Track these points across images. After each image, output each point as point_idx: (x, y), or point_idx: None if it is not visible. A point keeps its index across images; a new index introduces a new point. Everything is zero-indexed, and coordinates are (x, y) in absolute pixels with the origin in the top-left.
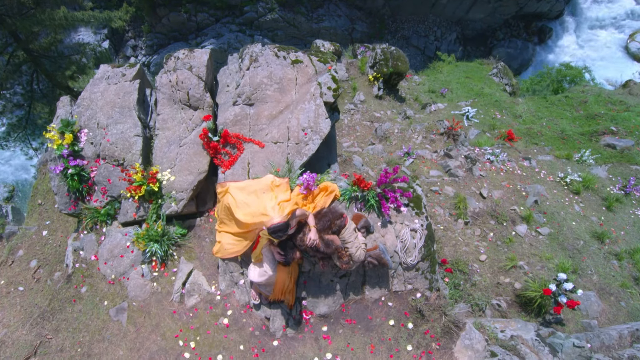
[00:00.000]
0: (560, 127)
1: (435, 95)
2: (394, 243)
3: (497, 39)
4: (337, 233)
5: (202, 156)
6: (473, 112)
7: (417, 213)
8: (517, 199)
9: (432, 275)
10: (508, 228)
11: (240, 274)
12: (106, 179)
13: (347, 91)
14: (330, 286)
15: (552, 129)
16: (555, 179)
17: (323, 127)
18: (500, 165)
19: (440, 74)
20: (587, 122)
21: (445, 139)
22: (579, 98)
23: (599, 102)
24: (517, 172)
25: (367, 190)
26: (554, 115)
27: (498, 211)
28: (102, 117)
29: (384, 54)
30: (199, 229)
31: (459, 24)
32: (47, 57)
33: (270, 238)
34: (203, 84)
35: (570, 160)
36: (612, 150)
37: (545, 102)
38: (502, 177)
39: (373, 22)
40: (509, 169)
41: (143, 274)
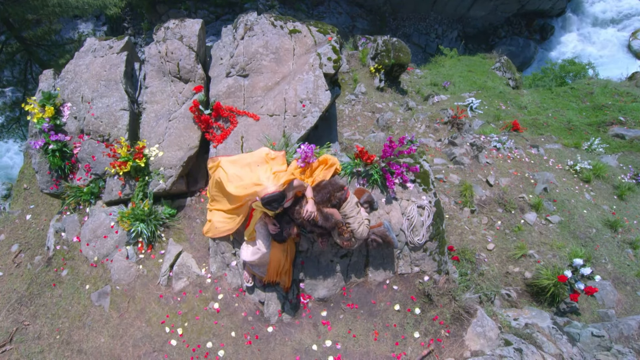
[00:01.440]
0: (566, 118)
1: (437, 88)
2: (400, 221)
3: (499, 36)
4: (337, 207)
5: (192, 130)
6: (477, 103)
7: (425, 189)
8: (526, 186)
9: (441, 256)
10: (516, 216)
11: (233, 254)
12: (90, 156)
13: (348, 83)
14: (330, 267)
15: (558, 119)
16: (564, 167)
17: (323, 99)
18: (507, 152)
19: (443, 68)
20: (594, 112)
21: (450, 128)
22: (585, 89)
23: (605, 94)
24: (525, 159)
25: (370, 163)
26: (559, 107)
27: (506, 199)
28: (86, 91)
29: (385, 45)
30: (190, 209)
31: (460, 22)
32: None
33: (264, 210)
34: (194, 54)
35: (579, 148)
36: (622, 140)
37: (551, 93)
38: (510, 165)
39: (374, 19)
40: (517, 156)
41: (128, 256)
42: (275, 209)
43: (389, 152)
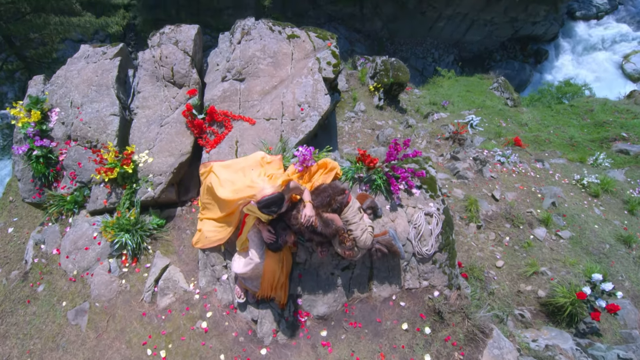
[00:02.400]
0: (568, 135)
1: (436, 107)
2: (406, 229)
3: (494, 60)
4: (338, 212)
5: (185, 136)
6: (477, 120)
7: (432, 196)
8: (533, 201)
9: (452, 269)
10: (525, 232)
11: (224, 267)
12: (76, 163)
13: (348, 101)
14: (330, 281)
15: (560, 136)
16: (571, 181)
17: (322, 103)
18: (511, 166)
19: (441, 88)
20: (595, 129)
21: (451, 144)
22: (585, 107)
23: (605, 111)
24: (530, 174)
25: (373, 168)
26: (560, 124)
27: (513, 214)
28: (76, 96)
29: (384, 64)
30: (180, 220)
31: (456, 46)
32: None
33: (258, 216)
34: (190, 59)
35: (584, 163)
36: (626, 155)
37: (551, 111)
38: (515, 179)
39: (372, 44)
40: (521, 170)
41: (110, 270)
42: (275, 213)
43: (393, 154)
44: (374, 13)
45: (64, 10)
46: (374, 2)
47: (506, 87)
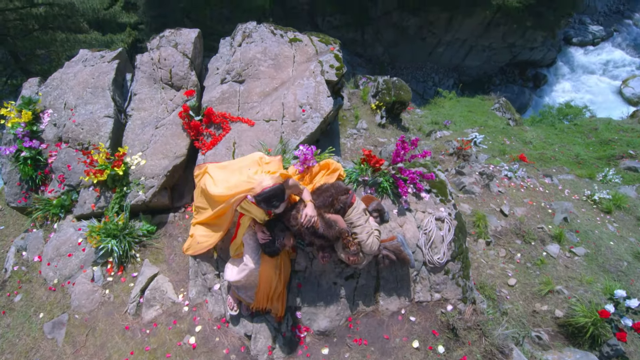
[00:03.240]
0: (574, 152)
1: (438, 126)
2: (416, 235)
3: (494, 84)
4: (341, 213)
5: (180, 138)
6: (481, 138)
7: (443, 200)
8: (543, 216)
9: (466, 281)
10: (537, 248)
11: (216, 275)
12: (66, 165)
13: (350, 119)
14: (332, 291)
15: (565, 154)
16: (581, 197)
17: (324, 105)
18: (519, 181)
19: (442, 108)
20: (601, 147)
21: (455, 159)
22: (589, 126)
23: (609, 130)
24: (539, 189)
25: (379, 170)
26: (565, 142)
27: (523, 229)
28: (70, 98)
29: (386, 83)
30: (172, 227)
31: (456, 71)
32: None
33: (254, 216)
34: (189, 61)
35: (594, 179)
36: (635, 173)
37: (554, 129)
38: (523, 194)
39: (373, 68)
40: (530, 185)
41: (93, 278)
42: (276, 207)
43: (400, 155)
44: (375, 38)
45: (70, 28)
46: (375, 28)
47: (508, 108)
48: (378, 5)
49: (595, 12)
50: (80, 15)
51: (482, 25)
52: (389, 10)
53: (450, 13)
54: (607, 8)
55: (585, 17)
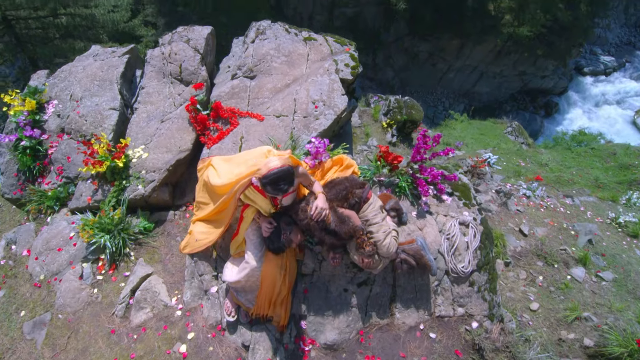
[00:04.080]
0: (592, 176)
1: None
2: (437, 240)
3: (505, 110)
4: (356, 209)
5: (186, 132)
6: (495, 159)
7: (466, 204)
8: (566, 238)
9: (493, 295)
10: (561, 271)
11: (214, 277)
12: (65, 157)
13: (360, 136)
14: (343, 299)
15: (584, 177)
16: (605, 220)
17: (338, 103)
18: (538, 201)
19: (454, 130)
20: (621, 171)
21: (470, 177)
22: (606, 150)
23: (628, 155)
24: (560, 209)
25: (396, 168)
26: (582, 165)
27: (545, 251)
28: (77, 90)
29: (397, 102)
30: (171, 226)
31: (466, 96)
32: None
33: (259, 207)
34: (200, 56)
35: (617, 202)
36: None
37: (571, 153)
38: (543, 214)
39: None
40: (550, 205)
41: (82, 276)
42: (283, 192)
43: (421, 151)
44: (386, 63)
45: (90, 39)
46: (386, 52)
47: (520, 132)
48: (390, 31)
49: (606, 42)
50: (101, 27)
51: (493, 52)
52: (401, 35)
53: (461, 40)
54: (618, 39)
55: (596, 48)
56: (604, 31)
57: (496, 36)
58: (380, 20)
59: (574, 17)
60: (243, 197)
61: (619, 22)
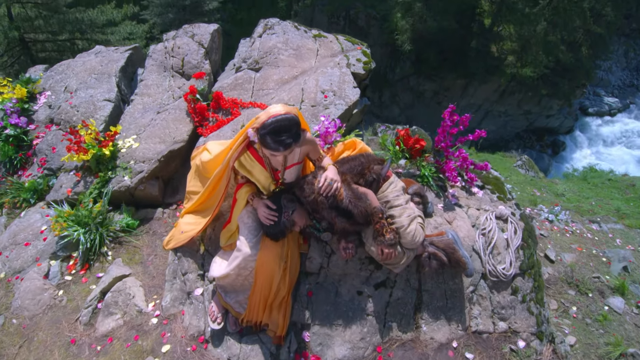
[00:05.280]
0: (613, 207)
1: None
2: (470, 235)
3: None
4: (374, 188)
5: (183, 123)
6: (509, 187)
7: (501, 198)
8: (597, 265)
9: (540, 308)
10: (597, 301)
11: (199, 276)
12: (50, 148)
13: None
14: (356, 305)
15: (604, 207)
16: (637, 248)
17: (350, 94)
18: (563, 225)
19: None
20: None
21: None
22: (624, 181)
23: None
24: (587, 235)
25: (418, 154)
26: (601, 196)
27: (577, 278)
28: (73, 82)
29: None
30: (157, 224)
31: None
32: None
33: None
34: (204, 51)
35: None
36: None
37: (587, 183)
38: (569, 239)
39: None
40: (575, 230)
41: (48, 275)
42: (286, 146)
43: (448, 130)
44: (392, 101)
45: None
46: (392, 91)
47: (531, 166)
48: (396, 70)
49: (609, 84)
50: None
51: (498, 92)
52: (406, 75)
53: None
54: (621, 82)
55: (599, 90)
56: (606, 74)
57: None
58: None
59: (576, 59)
60: (237, 165)
61: (620, 66)
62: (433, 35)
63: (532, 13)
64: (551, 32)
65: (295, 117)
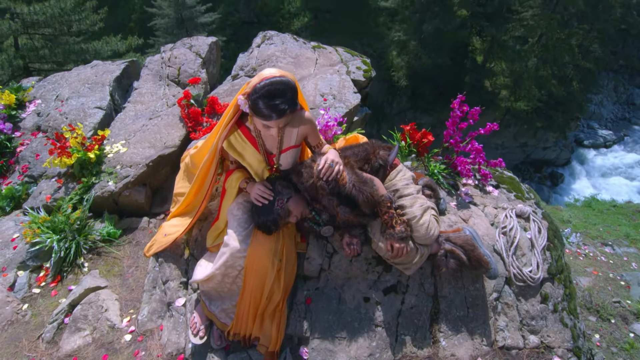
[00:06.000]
0: (623, 233)
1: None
2: (489, 234)
3: None
4: (381, 176)
5: (175, 128)
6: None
7: (519, 197)
8: (616, 289)
9: (574, 319)
10: (620, 328)
11: (182, 285)
12: (34, 155)
13: None
14: (362, 314)
15: (613, 234)
16: None
17: (350, 98)
18: (575, 248)
19: None
20: None
21: None
22: (630, 208)
23: None
24: (601, 258)
25: (425, 150)
26: (609, 222)
27: (596, 304)
28: (66, 91)
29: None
30: (142, 234)
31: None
32: None
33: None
34: (201, 60)
35: None
36: None
37: (592, 210)
38: (583, 262)
39: None
40: (589, 253)
41: (13, 286)
42: (280, 113)
43: (457, 124)
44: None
45: None
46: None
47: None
48: (393, 105)
49: (601, 118)
50: None
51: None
52: (403, 109)
53: None
54: (613, 115)
55: (593, 122)
56: (598, 107)
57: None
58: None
59: (568, 93)
60: (226, 146)
61: (611, 100)
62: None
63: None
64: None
65: (292, 81)
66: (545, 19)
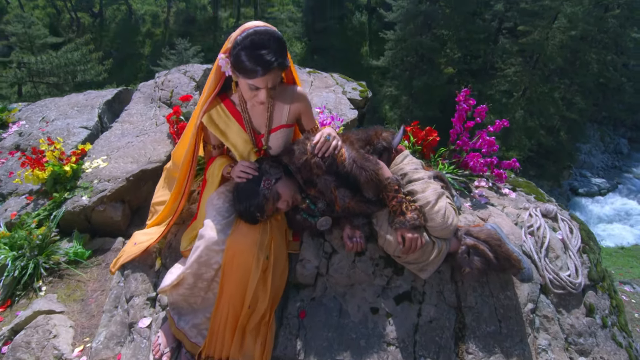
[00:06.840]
0: (636, 274)
1: None
2: (514, 233)
3: None
4: (385, 160)
5: (162, 144)
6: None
7: (539, 199)
8: None
9: (627, 337)
10: None
11: (148, 302)
12: (7, 173)
13: None
14: (369, 328)
15: (626, 275)
16: None
17: (347, 113)
18: None
19: None
20: None
21: None
22: (638, 250)
23: None
24: (622, 297)
25: (431, 150)
26: (619, 264)
27: None
28: (53, 113)
29: None
30: (113, 256)
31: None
32: None
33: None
34: (195, 84)
35: None
36: None
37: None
38: None
39: None
40: None
41: None
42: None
43: (464, 119)
44: None
45: None
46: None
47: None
48: None
49: (592, 167)
50: None
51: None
52: None
53: None
54: (603, 163)
55: (585, 171)
56: (588, 156)
57: None
58: None
59: (557, 142)
60: (207, 121)
61: (599, 149)
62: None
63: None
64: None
65: (279, 33)
66: (527, 75)
